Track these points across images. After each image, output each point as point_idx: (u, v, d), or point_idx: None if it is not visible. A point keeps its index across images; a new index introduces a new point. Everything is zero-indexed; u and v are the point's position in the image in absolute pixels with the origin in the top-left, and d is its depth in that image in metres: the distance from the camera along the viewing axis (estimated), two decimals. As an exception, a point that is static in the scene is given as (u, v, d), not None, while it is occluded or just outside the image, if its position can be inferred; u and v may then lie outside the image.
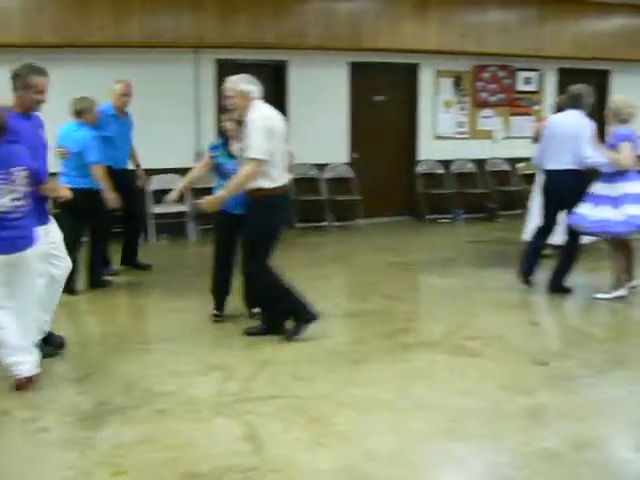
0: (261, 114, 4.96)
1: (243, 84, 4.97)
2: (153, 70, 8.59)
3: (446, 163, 10.42)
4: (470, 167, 10.54)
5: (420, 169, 10.30)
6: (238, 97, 4.96)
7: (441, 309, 6.13)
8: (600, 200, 5.95)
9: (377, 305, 6.11)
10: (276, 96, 9.39)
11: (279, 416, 3.93)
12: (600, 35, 10.69)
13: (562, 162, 6.10)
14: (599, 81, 11.53)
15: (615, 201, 5.88)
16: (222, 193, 5.06)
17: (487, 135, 10.69)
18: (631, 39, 10.90)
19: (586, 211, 6.00)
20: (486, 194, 10.49)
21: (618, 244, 6.11)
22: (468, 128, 10.56)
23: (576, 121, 6.17)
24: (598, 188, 6.02)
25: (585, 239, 6.51)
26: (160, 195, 7.11)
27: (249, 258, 5.11)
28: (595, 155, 5.99)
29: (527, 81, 10.90)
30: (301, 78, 9.41)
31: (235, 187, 4.95)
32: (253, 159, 4.83)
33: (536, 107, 10.96)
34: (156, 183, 8.51)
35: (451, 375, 4.58)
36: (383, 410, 4.04)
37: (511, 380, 4.49)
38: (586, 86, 6.35)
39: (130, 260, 7.41)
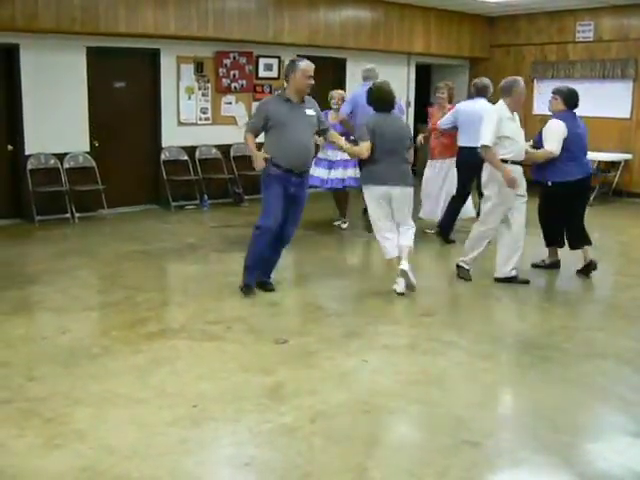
0: None
1: None
2: None
3: (190, 149, 10.38)
4: (215, 153, 10.60)
5: (164, 156, 10.17)
6: None
7: (184, 296, 6.11)
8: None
9: (119, 296, 5.95)
10: (7, 82, 8.83)
11: (10, 422, 3.71)
12: (333, 25, 11.19)
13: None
14: (337, 68, 12.15)
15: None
16: None
17: (231, 121, 10.80)
18: (361, 29, 11.55)
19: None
20: (231, 179, 10.64)
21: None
22: (211, 114, 10.59)
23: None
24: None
25: None
26: None
27: None
28: None
29: (268, 67, 11.14)
30: (34, 63, 8.87)
31: None
32: None
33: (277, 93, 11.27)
34: None
35: (193, 361, 4.60)
36: (123, 403, 3.97)
37: (252, 361, 4.61)
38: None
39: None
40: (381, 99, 6.19)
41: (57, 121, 9.08)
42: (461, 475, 3.29)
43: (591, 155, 11.47)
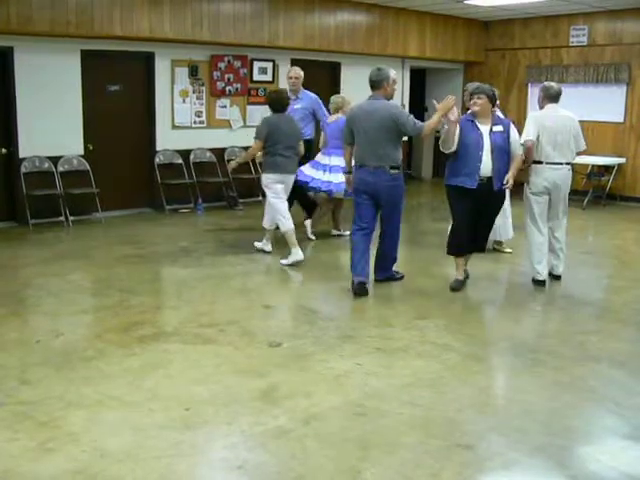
0: None
1: None
2: None
3: (185, 153, 10.39)
4: (209, 156, 10.61)
5: (158, 159, 10.18)
6: None
7: (178, 299, 6.12)
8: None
9: (113, 299, 5.95)
10: (1, 85, 8.82)
11: (3, 425, 3.70)
12: (328, 29, 11.21)
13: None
14: (332, 72, 12.18)
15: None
16: None
17: (225, 124, 10.82)
18: (355, 33, 11.57)
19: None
20: (226, 183, 10.64)
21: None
22: (206, 117, 10.60)
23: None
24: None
25: None
26: None
27: None
28: None
29: (262, 71, 11.15)
30: (28, 66, 8.87)
31: None
32: None
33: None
34: None
35: (186, 364, 4.60)
36: (116, 406, 3.96)
37: (245, 364, 4.62)
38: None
39: None
40: (279, 102, 7.37)
41: (51, 124, 9.09)
42: (453, 477, 3.29)
43: (585, 159, 11.59)
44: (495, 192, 6.11)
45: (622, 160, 11.77)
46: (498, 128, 6.10)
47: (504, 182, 6.04)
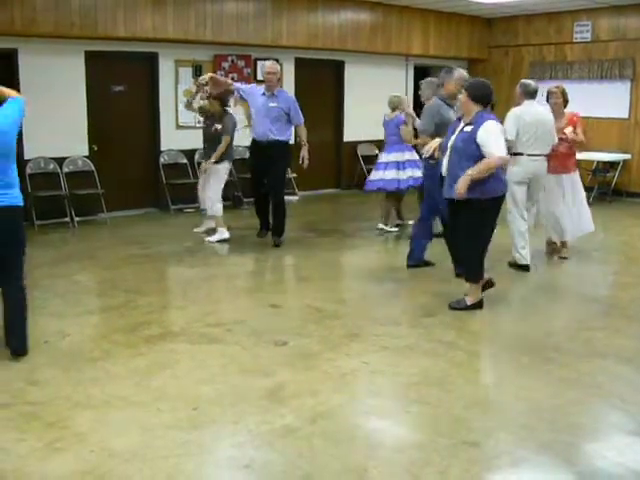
0: None
1: None
2: None
3: (189, 152, 10.41)
4: (214, 156, 10.61)
5: (163, 159, 10.21)
6: None
7: (184, 299, 6.13)
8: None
9: (119, 300, 5.97)
10: (6, 86, 8.80)
11: (11, 425, 3.72)
12: (331, 27, 11.21)
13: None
14: (336, 71, 12.19)
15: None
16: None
17: (229, 124, 10.81)
18: (359, 32, 11.57)
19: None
20: (231, 182, 10.61)
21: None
22: (210, 117, 10.61)
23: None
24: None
25: None
26: None
27: None
28: None
29: (266, 70, 11.14)
30: (32, 67, 8.90)
31: None
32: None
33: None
34: None
35: (193, 364, 4.61)
36: (124, 406, 3.97)
37: (251, 363, 4.62)
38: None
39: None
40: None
41: (56, 125, 9.12)
42: (461, 475, 3.29)
43: (590, 155, 11.57)
44: (460, 202, 5.42)
45: (627, 156, 11.74)
46: (468, 128, 5.43)
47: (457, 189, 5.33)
